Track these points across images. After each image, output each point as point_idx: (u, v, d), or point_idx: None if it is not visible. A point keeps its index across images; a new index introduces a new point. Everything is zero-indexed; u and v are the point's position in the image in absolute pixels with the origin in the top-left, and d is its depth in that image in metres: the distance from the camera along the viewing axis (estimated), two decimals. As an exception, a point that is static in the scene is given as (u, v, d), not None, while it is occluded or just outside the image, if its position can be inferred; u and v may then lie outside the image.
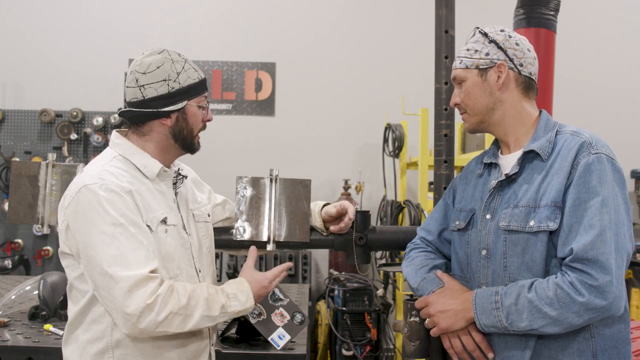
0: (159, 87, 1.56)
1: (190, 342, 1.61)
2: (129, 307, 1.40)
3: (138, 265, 1.43)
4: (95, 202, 1.46)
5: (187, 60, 1.63)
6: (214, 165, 4.76)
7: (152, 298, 1.41)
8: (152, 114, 1.58)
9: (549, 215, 1.40)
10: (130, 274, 1.41)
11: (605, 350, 1.40)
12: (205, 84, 1.66)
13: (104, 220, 1.44)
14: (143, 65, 1.58)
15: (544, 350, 1.42)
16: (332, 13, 5.13)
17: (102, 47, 4.99)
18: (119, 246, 1.43)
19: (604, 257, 1.32)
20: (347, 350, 3.81)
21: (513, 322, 1.38)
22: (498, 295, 1.42)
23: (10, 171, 3.58)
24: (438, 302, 1.53)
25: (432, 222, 1.78)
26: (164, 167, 1.64)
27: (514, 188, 1.51)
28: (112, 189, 1.47)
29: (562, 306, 1.33)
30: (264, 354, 2.08)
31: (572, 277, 1.33)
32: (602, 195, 1.36)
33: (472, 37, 1.60)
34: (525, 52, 1.55)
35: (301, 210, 1.92)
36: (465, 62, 1.57)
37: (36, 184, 2.07)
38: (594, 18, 5.18)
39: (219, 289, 1.58)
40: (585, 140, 1.43)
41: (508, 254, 1.47)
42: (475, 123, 1.60)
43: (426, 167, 4.02)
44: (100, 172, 1.52)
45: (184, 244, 1.64)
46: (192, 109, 1.62)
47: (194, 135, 1.65)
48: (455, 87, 1.63)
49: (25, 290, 2.75)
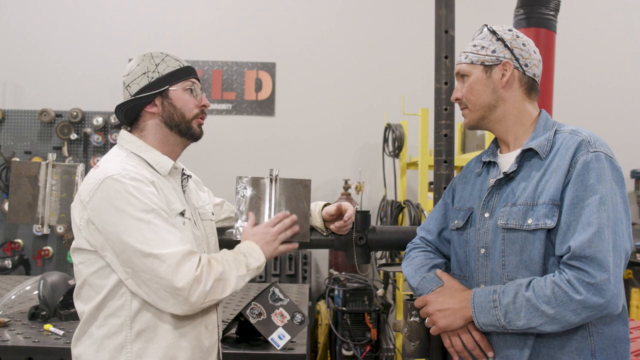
0: (140, 80, 1.63)
1: (203, 336, 1.63)
2: (180, 282, 1.44)
3: (178, 244, 1.47)
4: (123, 190, 1.48)
5: (168, 55, 1.68)
6: (214, 165, 4.77)
7: (199, 270, 1.47)
8: (137, 104, 1.63)
9: (547, 213, 1.40)
10: (174, 250, 1.45)
11: (604, 349, 1.40)
12: (189, 70, 1.68)
13: (135, 207, 1.47)
14: (127, 69, 1.67)
15: (543, 349, 1.42)
16: (332, 13, 5.13)
17: (102, 47, 4.99)
18: (156, 229, 1.47)
19: (602, 255, 1.32)
20: (347, 350, 3.81)
21: (511, 320, 1.38)
22: (496, 294, 1.42)
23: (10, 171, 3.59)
24: (436, 301, 1.53)
25: (432, 222, 1.78)
26: (175, 164, 1.67)
27: (512, 186, 1.51)
28: (137, 178, 1.51)
29: (560, 304, 1.33)
30: (264, 354, 2.08)
31: (570, 275, 1.34)
32: (600, 193, 1.36)
33: (479, 33, 1.60)
34: (531, 54, 1.56)
35: (301, 211, 1.92)
36: (471, 58, 1.57)
37: (36, 184, 2.07)
38: (594, 18, 5.18)
39: (234, 250, 1.65)
40: (583, 138, 1.44)
41: (506, 252, 1.47)
42: (475, 119, 1.61)
43: (426, 167, 4.03)
44: (122, 164, 1.55)
45: (196, 238, 1.67)
46: (176, 93, 1.64)
47: (187, 120, 1.66)
48: (457, 82, 1.63)
49: (25, 290, 2.75)
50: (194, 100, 1.67)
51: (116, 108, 1.66)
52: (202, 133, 1.71)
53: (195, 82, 1.69)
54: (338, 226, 1.92)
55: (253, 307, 2.07)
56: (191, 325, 1.58)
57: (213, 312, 1.69)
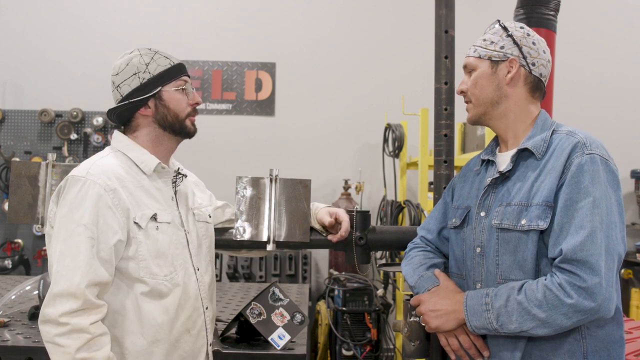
0: (131, 81, 1.61)
1: (183, 340, 1.61)
2: (47, 311, 1.44)
3: (80, 276, 1.44)
4: (73, 193, 1.49)
5: (157, 52, 1.66)
6: (214, 165, 4.77)
7: (70, 320, 1.41)
8: (130, 108, 1.62)
9: (540, 214, 1.40)
10: (70, 283, 1.43)
11: (596, 352, 1.40)
12: (180, 68, 1.67)
13: (72, 215, 1.47)
14: (115, 68, 1.65)
15: (535, 351, 1.42)
16: (332, 13, 5.13)
17: (102, 47, 4.99)
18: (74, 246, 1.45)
19: (594, 259, 1.31)
20: (347, 350, 3.81)
21: (503, 324, 1.38)
22: (488, 297, 1.42)
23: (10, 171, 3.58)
24: (429, 301, 1.54)
25: (432, 221, 1.78)
26: (162, 164, 1.65)
27: (508, 186, 1.51)
28: (96, 181, 1.50)
29: (551, 308, 1.33)
30: (264, 354, 2.08)
31: (561, 279, 1.33)
32: (593, 196, 1.35)
33: (491, 28, 1.60)
34: (540, 53, 1.55)
35: (301, 211, 1.92)
36: (480, 52, 1.57)
37: (36, 184, 2.06)
38: (594, 18, 5.18)
39: None
40: (579, 140, 1.43)
41: (500, 252, 1.47)
42: (477, 114, 1.60)
43: (426, 167, 4.02)
44: (95, 164, 1.55)
45: (180, 241, 1.64)
46: (169, 93, 1.63)
47: (181, 119, 1.65)
48: (465, 75, 1.63)
49: (25, 290, 2.75)
50: (186, 98, 1.66)
51: (108, 111, 1.66)
52: (196, 130, 1.70)
53: (187, 80, 1.67)
54: (335, 238, 1.92)
55: (253, 307, 2.07)
56: (166, 330, 1.57)
57: (199, 317, 1.67)
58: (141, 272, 1.53)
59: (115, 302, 1.52)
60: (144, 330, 1.53)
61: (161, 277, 1.55)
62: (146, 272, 1.53)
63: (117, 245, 1.49)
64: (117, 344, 1.52)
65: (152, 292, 1.54)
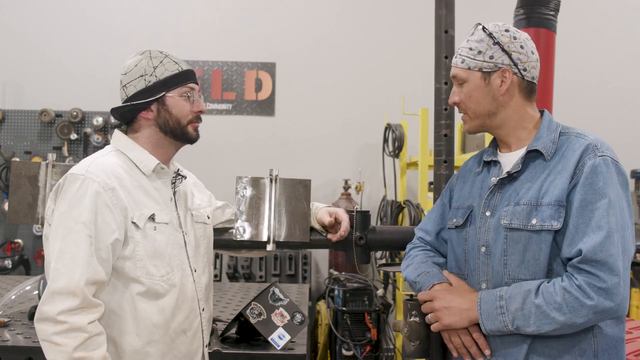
0: (137, 83, 1.61)
1: (179, 340, 1.60)
2: (45, 308, 1.45)
3: (80, 274, 1.44)
4: (72, 191, 1.49)
5: (167, 56, 1.65)
6: (214, 165, 4.77)
7: (68, 318, 1.41)
8: (133, 109, 1.62)
9: (553, 214, 1.40)
10: (69, 280, 1.43)
11: (606, 350, 1.41)
12: (187, 74, 1.66)
13: (71, 213, 1.47)
14: (124, 67, 1.65)
15: (545, 349, 1.42)
16: (332, 13, 5.13)
17: (102, 47, 4.99)
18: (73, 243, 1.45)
19: (612, 259, 1.32)
20: (347, 350, 3.81)
21: (519, 327, 1.38)
22: (502, 300, 1.41)
23: (10, 171, 3.58)
24: (444, 298, 1.53)
25: (430, 223, 1.78)
26: (161, 164, 1.64)
27: (516, 186, 1.51)
28: (94, 180, 1.49)
29: (571, 311, 1.33)
30: (264, 354, 2.08)
31: (580, 280, 1.33)
32: (609, 197, 1.36)
33: (473, 34, 1.55)
34: (529, 55, 1.53)
35: (301, 211, 1.92)
36: (468, 63, 1.53)
37: (36, 184, 2.06)
38: (594, 18, 5.18)
39: None
40: (590, 142, 1.44)
41: (509, 251, 1.46)
42: (476, 126, 1.60)
43: (426, 167, 4.03)
44: (94, 163, 1.54)
45: (178, 241, 1.64)
46: (172, 100, 1.62)
47: (182, 126, 1.64)
48: (454, 85, 1.60)
49: (25, 290, 2.75)
50: (190, 106, 1.65)
51: (112, 109, 1.66)
52: (199, 136, 1.69)
53: (193, 88, 1.66)
54: (335, 237, 1.92)
55: (253, 307, 2.07)
56: (162, 331, 1.56)
57: (195, 318, 1.66)
58: (138, 272, 1.52)
59: (111, 301, 1.51)
60: (139, 331, 1.53)
61: (158, 277, 1.55)
62: (143, 272, 1.53)
63: (114, 244, 1.49)
64: (113, 344, 1.52)
65: (149, 293, 1.54)
